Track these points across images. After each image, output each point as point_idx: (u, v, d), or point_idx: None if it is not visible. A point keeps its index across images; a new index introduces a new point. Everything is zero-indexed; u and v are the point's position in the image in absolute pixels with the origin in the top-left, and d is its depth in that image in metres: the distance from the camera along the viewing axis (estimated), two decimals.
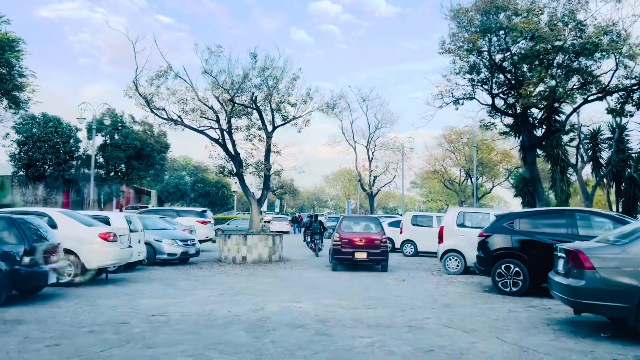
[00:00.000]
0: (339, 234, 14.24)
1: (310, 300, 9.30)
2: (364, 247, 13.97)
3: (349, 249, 14.00)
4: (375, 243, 13.99)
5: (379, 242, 14.02)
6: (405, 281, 12.48)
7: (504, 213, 11.09)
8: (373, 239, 14.05)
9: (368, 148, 42.20)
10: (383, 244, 14.03)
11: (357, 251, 13.92)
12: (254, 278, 12.83)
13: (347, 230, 14.44)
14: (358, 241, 14.02)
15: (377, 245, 13.98)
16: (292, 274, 13.95)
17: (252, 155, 17.76)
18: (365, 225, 15.06)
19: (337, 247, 14.16)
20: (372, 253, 13.95)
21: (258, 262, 16.68)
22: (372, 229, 14.70)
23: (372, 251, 13.94)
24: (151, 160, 49.85)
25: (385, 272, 14.56)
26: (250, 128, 17.89)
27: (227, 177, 18.95)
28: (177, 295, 9.82)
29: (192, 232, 20.23)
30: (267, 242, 16.94)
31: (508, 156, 47.64)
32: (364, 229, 14.74)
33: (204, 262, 17.13)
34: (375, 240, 14.04)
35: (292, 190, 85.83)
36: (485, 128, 19.74)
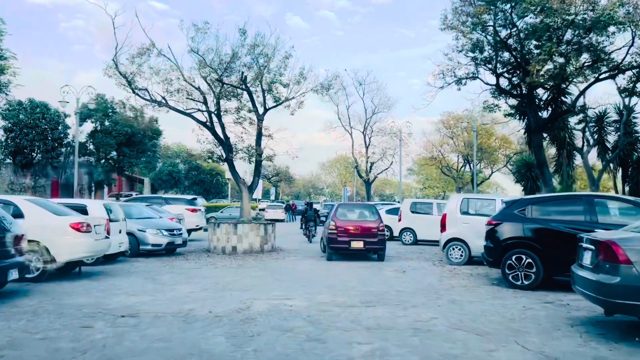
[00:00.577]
0: (334, 222, 13.57)
1: (303, 297, 8.37)
2: (360, 235, 13.37)
3: (345, 238, 13.39)
4: (372, 231, 13.39)
5: (376, 230, 13.42)
6: (405, 273, 11.57)
7: (515, 199, 10.16)
8: (370, 227, 13.46)
9: (365, 134, 41.23)
10: (380, 232, 13.46)
11: (353, 240, 13.32)
12: (243, 270, 11.89)
13: (343, 218, 13.83)
14: (354, 230, 13.42)
15: (374, 234, 13.39)
16: (285, 265, 13.03)
17: (242, 140, 16.76)
18: (362, 213, 14.45)
19: (333, 236, 13.51)
20: (369, 242, 13.36)
21: (249, 252, 15.75)
22: (368, 217, 14.11)
23: (369, 240, 13.36)
24: (142, 147, 48.73)
25: (383, 261, 13.85)
26: (240, 110, 16.85)
27: (216, 163, 17.93)
28: (155, 292, 8.88)
29: (180, 220, 19.28)
30: (258, 231, 16.00)
31: (507, 142, 46.76)
32: (361, 217, 14.16)
33: (192, 252, 16.20)
34: (372, 228, 13.44)
35: (287, 178, 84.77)
36: (489, 110, 18.77)
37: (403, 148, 38.54)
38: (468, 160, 46.11)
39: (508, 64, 17.18)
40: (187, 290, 9.10)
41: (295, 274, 11.27)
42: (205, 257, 14.72)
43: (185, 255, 15.16)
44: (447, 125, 44.74)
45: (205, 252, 16.21)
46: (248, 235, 15.85)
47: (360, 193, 77.95)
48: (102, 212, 12.77)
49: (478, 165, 45.69)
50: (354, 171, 46.49)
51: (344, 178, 78.41)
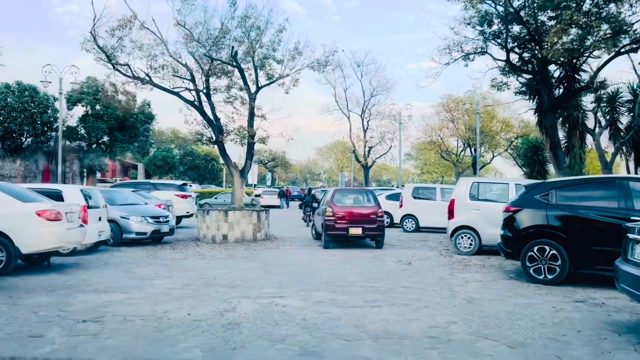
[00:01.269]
0: (331, 209, 12.88)
1: (297, 295, 7.31)
2: (359, 221, 12.77)
3: (343, 225, 12.74)
4: (371, 217, 12.84)
5: (375, 216, 12.89)
6: (411, 265, 10.52)
7: (536, 182, 9.07)
8: (369, 213, 12.90)
9: (363, 117, 40.00)
10: (379, 218, 12.95)
11: (351, 226, 12.70)
12: (233, 262, 10.82)
13: (341, 204, 13.16)
14: (353, 216, 12.82)
15: (373, 220, 12.84)
16: (279, 255, 11.96)
17: (233, 120, 15.60)
18: (359, 199, 13.81)
19: (331, 223, 12.80)
20: (368, 228, 12.80)
21: (241, 241, 14.68)
22: (366, 202, 13.50)
23: (368, 226, 12.79)
24: (135, 132, 47.41)
25: (381, 249, 13.22)
26: (230, 89, 15.65)
27: (206, 146, 16.79)
28: (129, 288, 7.80)
29: (169, 207, 18.19)
30: (251, 218, 14.91)
31: (508, 125, 45.58)
32: (358, 203, 13.55)
33: (180, 241, 15.12)
34: (371, 214, 12.89)
35: (284, 163, 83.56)
36: (497, 88, 17.62)
37: (403, 132, 37.40)
38: (469, 144, 44.94)
39: (519, 39, 15.99)
40: (167, 285, 8.03)
41: (289, 266, 10.21)
42: (194, 247, 13.64)
43: (173, 244, 14.08)
44: (448, 108, 43.44)
45: (194, 240, 15.14)
46: (240, 223, 14.77)
47: (358, 178, 76.94)
48: (78, 198, 11.65)
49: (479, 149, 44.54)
50: (352, 156, 45.32)
51: (341, 163, 77.18)
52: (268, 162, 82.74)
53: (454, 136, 49.52)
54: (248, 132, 15.38)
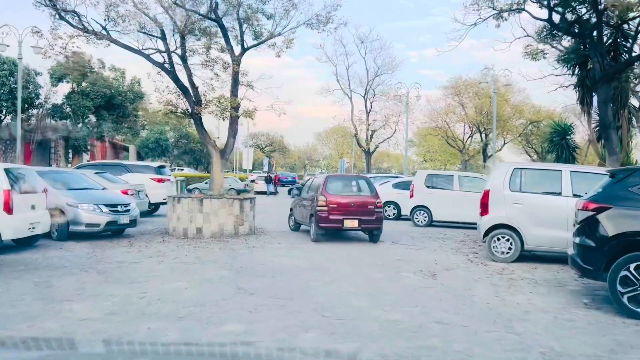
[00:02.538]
0: (325, 197, 11.33)
1: (275, 338, 4.60)
2: (355, 213, 11.37)
3: (337, 216, 11.26)
4: (368, 208, 11.47)
5: (373, 206, 11.51)
6: (437, 278, 7.80)
7: (631, 168, 6.34)
8: (366, 203, 11.54)
9: (366, 98, 37.09)
10: (378, 209, 11.59)
11: (347, 218, 11.28)
12: (198, 269, 8.10)
13: (335, 192, 11.65)
14: (349, 206, 11.42)
15: (370, 211, 11.46)
16: (261, 258, 9.23)
17: (212, 89, 12.76)
18: (356, 187, 12.41)
19: (324, 214, 11.26)
20: (366, 220, 11.41)
21: (219, 236, 11.97)
22: (364, 191, 12.10)
23: (365, 218, 11.39)
24: (123, 111, 44.58)
25: (375, 243, 11.70)
26: (210, 49, 12.80)
27: (180, 119, 14.01)
28: (20, 318, 5.08)
29: (139, 192, 15.48)
30: (232, 208, 12.18)
31: (519, 111, 42.72)
32: (355, 191, 12.16)
33: (145, 234, 12.41)
34: (368, 204, 11.52)
35: (281, 148, 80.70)
36: (532, 57, 14.80)
37: (408, 116, 34.45)
38: (479, 129, 42.07)
39: None
40: (84, 313, 5.34)
41: (272, 278, 7.49)
42: (158, 243, 10.92)
43: (132, 240, 11.35)
44: (457, 90, 40.44)
45: (161, 234, 12.42)
46: (218, 214, 12.03)
47: (358, 165, 74.12)
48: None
49: (490, 134, 41.68)
50: (353, 140, 42.48)
51: (341, 149, 74.21)
52: (265, 146, 79.86)
53: (460, 122, 46.70)
54: (230, 103, 12.57)
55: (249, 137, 70.35)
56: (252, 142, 77.21)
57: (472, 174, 20.04)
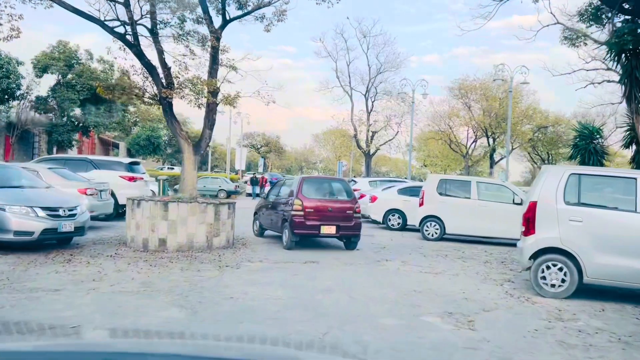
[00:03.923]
0: (300, 202, 10.50)
1: None
2: (333, 218, 10.69)
3: (314, 222, 10.51)
4: (347, 213, 10.84)
5: (352, 212, 10.90)
6: (475, 327, 5.47)
7: None
8: (344, 208, 10.89)
9: (367, 97, 34.84)
10: (357, 214, 11.01)
11: (324, 224, 10.58)
12: (137, 303, 5.76)
13: (311, 196, 10.85)
14: (326, 211, 10.70)
15: (349, 216, 10.82)
16: (230, 286, 6.87)
17: (185, 68, 10.42)
18: (334, 190, 11.56)
19: (299, 219, 10.45)
20: (344, 227, 10.73)
21: (187, 249, 9.63)
22: (342, 195, 11.34)
23: (344, 224, 10.73)
24: (111, 105, 42.26)
25: (352, 250, 11.00)
26: (184, 22, 10.48)
27: (148, 105, 11.66)
28: None
29: (101, 192, 13.15)
30: (204, 215, 9.84)
31: (526, 116, 40.52)
32: (333, 195, 11.34)
33: (98, 244, 10.08)
34: (347, 209, 10.88)
35: (277, 149, 78.28)
36: (570, 43, 12.58)
37: (411, 116, 32.14)
38: (486, 133, 39.79)
39: None
40: None
41: (238, 324, 5.15)
42: (105, 259, 8.57)
43: (75, 253, 8.99)
44: (465, 90, 38.14)
45: (118, 245, 10.07)
46: (186, 222, 9.69)
47: (355, 169, 71.80)
48: None
49: (497, 139, 39.49)
50: (352, 141, 40.16)
51: (338, 152, 71.76)
52: (261, 147, 77.43)
53: (464, 125, 44.48)
54: (207, 87, 10.25)
55: (243, 136, 68.01)
56: (247, 142, 74.90)
57: (492, 180, 17.78)
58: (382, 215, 16.34)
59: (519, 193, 13.50)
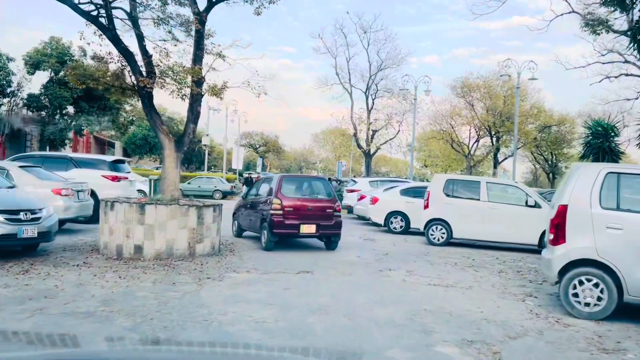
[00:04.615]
0: (279, 200, 10.32)
1: None
2: (313, 217, 10.54)
3: (293, 221, 10.35)
4: (327, 212, 10.72)
5: (332, 210, 10.78)
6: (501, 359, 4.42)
7: None
8: (325, 207, 10.78)
9: (367, 94, 33.73)
10: (337, 212, 10.88)
11: (304, 223, 10.42)
12: (88, 328, 4.69)
13: (291, 195, 10.70)
14: (306, 210, 10.55)
15: (329, 215, 10.71)
16: (206, 305, 5.80)
17: (167, 55, 9.36)
18: (313, 189, 11.45)
19: (279, 219, 10.25)
20: (324, 226, 10.59)
21: (166, 257, 8.58)
22: (322, 194, 11.20)
23: (324, 223, 10.60)
24: (104, 103, 41.27)
25: (333, 250, 10.89)
26: (166, 4, 9.42)
27: (126, 97, 10.52)
28: None
29: (79, 192, 12.12)
30: (185, 219, 8.78)
31: (532, 114, 39.43)
32: (312, 194, 11.23)
33: (68, 251, 9.03)
34: (327, 208, 10.77)
35: (276, 149, 77.14)
36: (591, 29, 11.54)
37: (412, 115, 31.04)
38: (489, 132, 38.70)
39: None
40: None
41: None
42: (70, 268, 7.51)
43: (39, 260, 7.94)
44: (468, 88, 37.04)
45: (90, 252, 9.01)
46: (165, 227, 8.63)
47: (356, 169, 70.76)
48: None
49: (502, 138, 38.42)
50: (352, 140, 39.06)
51: (338, 151, 70.66)
52: (259, 146, 76.25)
53: (467, 125, 43.41)
54: (191, 75, 9.20)
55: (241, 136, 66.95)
56: (246, 142, 73.74)
57: (504, 180, 16.74)
58: (383, 218, 15.30)
59: (532, 194, 12.45)
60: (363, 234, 14.42)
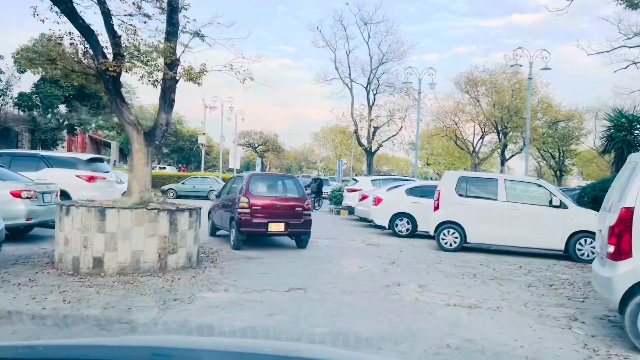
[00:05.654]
0: (247, 199, 10.18)
1: None
2: (281, 215, 10.40)
3: (261, 219, 10.19)
4: (296, 211, 10.57)
5: (301, 208, 10.62)
6: None
7: None
8: (293, 206, 10.63)
9: (368, 89, 32.26)
10: (306, 211, 10.70)
11: (272, 221, 10.27)
12: None
13: (258, 193, 10.61)
14: (274, 208, 10.41)
15: (298, 214, 10.57)
16: None
17: (134, 32, 7.95)
18: (282, 187, 11.42)
19: (246, 217, 10.08)
20: (293, 224, 10.46)
21: (132, 271, 7.18)
22: (290, 192, 11.16)
23: (293, 221, 10.47)
24: (97, 102, 39.90)
25: (304, 248, 10.72)
26: None
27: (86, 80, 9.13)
28: None
29: (44, 194, 10.74)
30: (155, 225, 7.37)
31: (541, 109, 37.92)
32: (281, 192, 11.18)
33: (18, 264, 7.64)
34: (296, 206, 10.61)
35: (275, 148, 75.64)
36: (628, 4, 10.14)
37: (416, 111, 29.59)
38: (496, 128, 37.20)
39: None
40: None
41: None
42: (8, 289, 6.11)
43: None
44: (474, 82, 35.55)
45: (44, 266, 7.61)
46: (130, 235, 7.22)
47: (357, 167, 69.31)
48: None
49: (510, 134, 36.95)
50: (353, 138, 37.63)
51: (339, 149, 69.15)
52: (258, 145, 74.75)
53: (471, 121, 41.94)
54: (163, 56, 7.79)
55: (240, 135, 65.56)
56: (244, 141, 72.29)
57: (524, 177, 15.33)
58: (387, 220, 13.91)
59: (557, 193, 11.04)
60: (365, 238, 13.02)
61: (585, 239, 10.54)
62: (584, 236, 10.55)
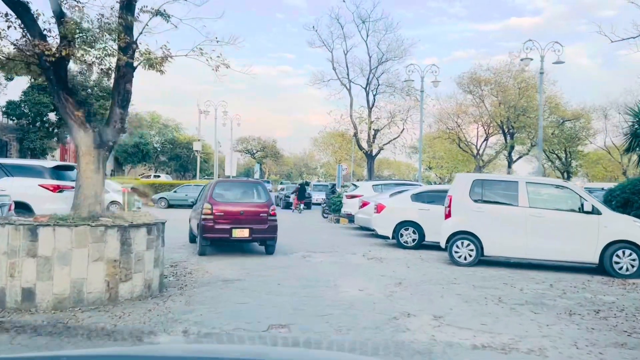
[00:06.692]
0: (210, 205, 10.05)
1: None
2: (245, 221, 10.19)
3: (224, 225, 10.03)
4: (260, 216, 10.36)
5: (266, 214, 10.39)
6: None
7: None
8: (258, 212, 10.44)
9: (368, 90, 30.80)
10: (271, 217, 10.43)
11: (236, 227, 10.07)
12: None
13: (222, 199, 10.44)
14: (238, 214, 10.21)
15: (263, 219, 10.35)
16: None
17: (79, 10, 6.51)
18: (246, 192, 11.11)
19: (209, 223, 9.94)
20: (257, 230, 10.23)
21: (73, 304, 5.68)
22: (255, 197, 10.88)
23: (257, 227, 10.24)
24: (88, 109, 38.49)
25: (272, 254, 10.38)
26: None
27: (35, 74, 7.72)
28: None
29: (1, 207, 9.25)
30: (101, 246, 5.87)
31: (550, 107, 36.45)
32: (245, 198, 10.91)
33: None
34: (260, 212, 10.42)
35: (274, 154, 74.15)
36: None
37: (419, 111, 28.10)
38: (502, 129, 35.69)
39: None
40: None
41: None
42: None
43: None
44: (477, 81, 34.06)
45: None
46: (70, 259, 5.72)
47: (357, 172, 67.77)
48: None
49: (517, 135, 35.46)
50: (353, 141, 36.14)
51: (338, 155, 67.65)
52: (256, 152, 73.30)
53: (474, 123, 40.44)
54: (119, 37, 6.34)
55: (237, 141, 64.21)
56: (242, 147, 70.88)
57: (547, 179, 13.84)
58: (391, 229, 12.43)
59: (588, 197, 9.52)
60: (367, 251, 11.49)
61: (624, 250, 9.01)
62: (622, 247, 9.02)
